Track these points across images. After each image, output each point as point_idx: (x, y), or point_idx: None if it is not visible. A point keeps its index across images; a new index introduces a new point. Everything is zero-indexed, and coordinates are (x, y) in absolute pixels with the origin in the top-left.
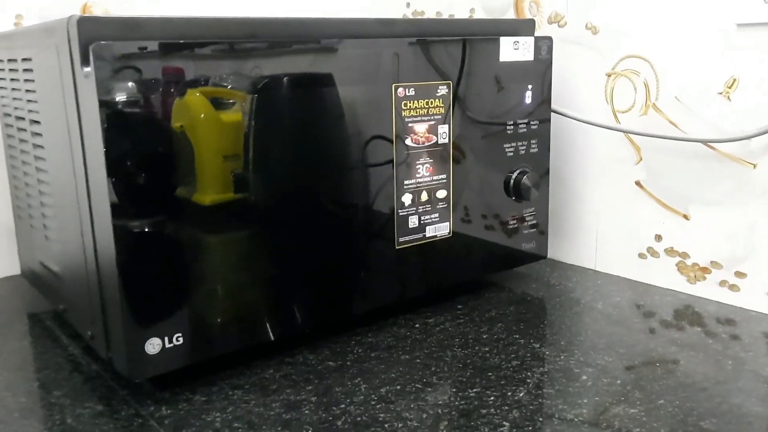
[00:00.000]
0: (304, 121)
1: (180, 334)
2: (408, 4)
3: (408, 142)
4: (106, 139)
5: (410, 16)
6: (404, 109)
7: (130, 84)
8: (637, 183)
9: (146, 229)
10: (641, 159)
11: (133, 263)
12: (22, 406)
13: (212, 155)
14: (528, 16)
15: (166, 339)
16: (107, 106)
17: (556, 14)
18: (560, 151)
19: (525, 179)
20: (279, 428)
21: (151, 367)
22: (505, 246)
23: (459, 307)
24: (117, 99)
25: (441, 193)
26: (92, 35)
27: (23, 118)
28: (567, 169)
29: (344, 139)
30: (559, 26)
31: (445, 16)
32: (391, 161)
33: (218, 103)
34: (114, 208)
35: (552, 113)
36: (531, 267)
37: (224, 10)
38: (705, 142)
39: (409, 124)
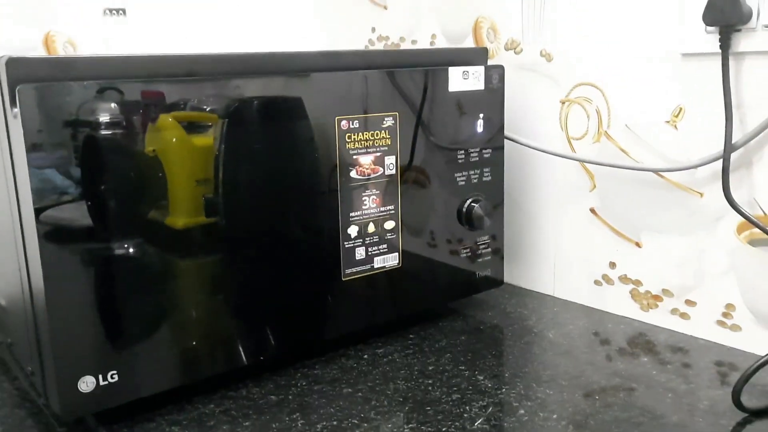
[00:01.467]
0: (251, 154)
1: (114, 371)
2: (373, 29)
3: (353, 174)
4: (33, 182)
5: (375, 41)
6: (348, 142)
7: (57, 126)
8: (592, 210)
9: (75, 265)
10: (595, 186)
11: (62, 299)
12: None
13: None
14: (486, 42)
15: (100, 376)
16: (34, 148)
17: (513, 41)
18: (516, 177)
19: (477, 208)
20: None
21: (85, 406)
22: (459, 275)
23: (411, 336)
24: (43, 141)
25: (389, 224)
26: (22, 76)
27: None
28: (523, 195)
29: (291, 170)
30: (515, 53)
31: (408, 41)
32: (336, 194)
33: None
34: (42, 244)
35: (506, 140)
36: (490, 293)
37: (182, 46)
38: (654, 171)
39: (354, 156)
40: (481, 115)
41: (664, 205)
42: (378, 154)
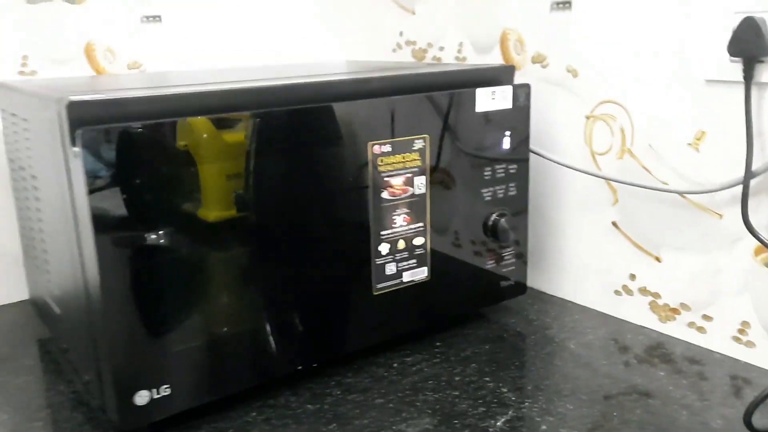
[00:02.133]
0: (285, 181)
1: (167, 386)
2: (401, 33)
3: (384, 195)
4: (93, 213)
5: (403, 45)
6: (380, 165)
7: (115, 166)
8: (613, 223)
9: (132, 288)
10: (617, 201)
11: (119, 315)
12: None
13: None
14: (513, 54)
15: (155, 391)
16: (94, 188)
17: (539, 55)
18: (540, 187)
19: (503, 222)
20: None
21: (141, 418)
22: (484, 284)
23: (437, 344)
24: (102, 183)
25: (418, 240)
26: (81, 117)
27: (24, 168)
28: (547, 205)
29: (326, 194)
30: (542, 66)
31: (436, 47)
32: (368, 214)
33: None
34: (102, 279)
35: (531, 153)
36: (514, 299)
37: (213, 50)
38: (678, 193)
39: (386, 178)
40: (508, 132)
41: (684, 223)
42: (408, 175)
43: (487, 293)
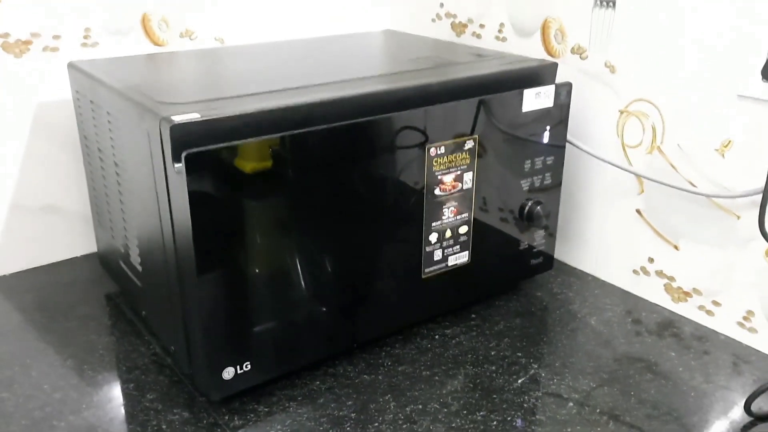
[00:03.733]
0: (348, 183)
1: (248, 362)
2: (441, 5)
3: (437, 191)
4: (195, 222)
5: (443, 16)
6: (435, 165)
7: (218, 184)
8: (638, 211)
9: (225, 267)
10: (643, 191)
11: (216, 304)
12: (124, 410)
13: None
14: (553, 43)
15: (238, 367)
16: (196, 204)
17: (579, 47)
18: (572, 170)
19: (538, 209)
20: None
21: (226, 389)
22: (517, 263)
23: (473, 316)
24: (206, 199)
25: (463, 229)
26: (182, 138)
27: (102, 150)
28: (576, 187)
29: (388, 192)
30: (581, 58)
31: (476, 24)
32: (422, 208)
33: None
34: (198, 260)
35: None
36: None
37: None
38: (704, 195)
39: (438, 177)
40: (548, 128)
41: (704, 219)
42: (458, 172)
43: (519, 270)
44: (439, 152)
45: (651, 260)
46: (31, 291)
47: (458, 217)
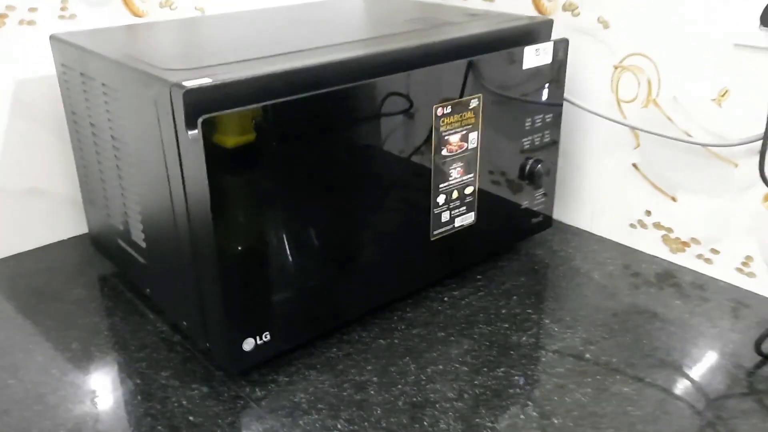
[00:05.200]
0: (359, 147)
1: (268, 332)
2: None
3: (444, 152)
4: (212, 191)
5: None
6: (442, 125)
7: (234, 151)
8: (634, 165)
9: (242, 237)
10: (639, 145)
11: (234, 275)
12: (140, 389)
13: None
14: (543, 0)
15: (257, 338)
16: (214, 172)
17: (571, 3)
18: (567, 127)
19: (539, 167)
20: (354, 409)
21: (247, 361)
22: (518, 223)
23: (478, 278)
24: (223, 167)
25: (468, 190)
26: (195, 104)
27: (95, 125)
28: (572, 143)
29: (396, 153)
30: (572, 15)
31: None
32: (430, 170)
33: None
34: (216, 232)
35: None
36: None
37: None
38: (701, 145)
39: (445, 137)
40: (547, 85)
41: (701, 169)
42: (464, 132)
43: (520, 229)
44: (445, 112)
45: (648, 213)
46: (22, 277)
47: (464, 177)
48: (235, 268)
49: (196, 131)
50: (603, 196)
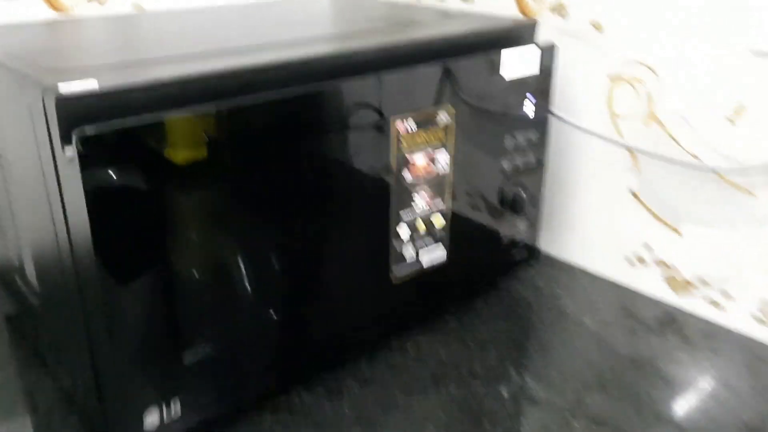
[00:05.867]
0: (295, 167)
1: (177, 400)
2: None
3: (407, 176)
4: (94, 224)
5: None
6: (403, 143)
7: (115, 167)
8: (631, 191)
9: (137, 279)
10: (638, 168)
11: (127, 326)
12: None
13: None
14: (529, 1)
15: (164, 407)
16: (95, 201)
17: (559, 4)
18: (555, 146)
19: (522, 193)
20: None
21: None
22: (498, 256)
23: (450, 323)
24: (101, 185)
25: (437, 219)
26: (73, 114)
27: None
28: (560, 164)
29: (341, 177)
30: (560, 17)
31: None
32: (388, 197)
33: None
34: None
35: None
36: None
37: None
38: (714, 170)
39: (408, 158)
40: (532, 97)
41: (711, 198)
42: (432, 151)
43: (500, 264)
44: (408, 127)
45: (648, 247)
46: None
47: (433, 205)
48: (130, 317)
49: (71, 148)
50: (595, 226)
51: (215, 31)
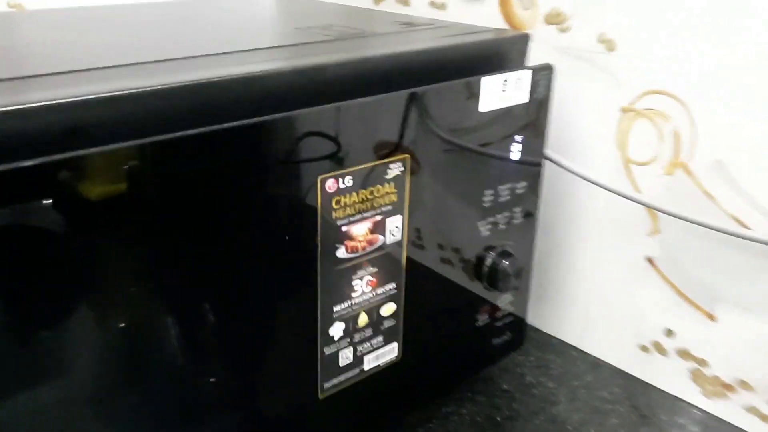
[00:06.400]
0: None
1: None
2: None
3: (340, 253)
4: None
5: None
6: (336, 209)
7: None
8: (649, 260)
9: None
10: (657, 230)
11: None
12: None
13: None
14: (517, 9)
15: None
16: None
17: (558, 13)
18: (551, 199)
19: (504, 265)
20: None
21: None
22: (472, 348)
23: None
24: None
25: (388, 309)
26: None
27: None
28: (557, 220)
29: (247, 258)
30: (559, 30)
31: None
32: (314, 283)
33: None
34: None
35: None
36: None
37: None
38: (764, 242)
39: (344, 228)
40: (519, 138)
41: (758, 275)
42: (378, 217)
43: (475, 357)
44: (342, 186)
45: (669, 333)
46: None
47: (380, 290)
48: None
49: None
50: (601, 300)
51: (122, 41)
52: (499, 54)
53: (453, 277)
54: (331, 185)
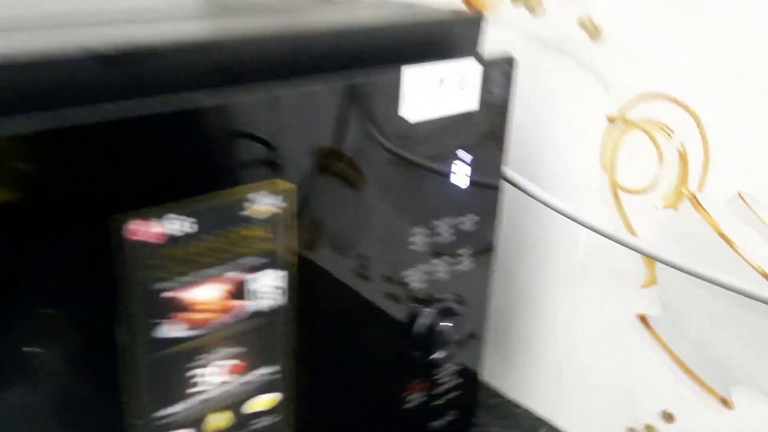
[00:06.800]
0: None
1: None
2: None
3: (164, 331)
4: None
5: None
6: (150, 266)
7: None
8: (642, 318)
9: None
10: (654, 281)
11: None
12: None
13: None
14: None
15: None
16: None
17: None
18: (512, 232)
19: (445, 327)
20: None
21: None
22: None
23: None
24: None
25: (263, 403)
26: None
27: None
28: (523, 264)
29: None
30: (531, 13)
31: None
32: (115, 383)
33: None
34: None
35: (505, 183)
36: None
37: None
38: None
39: (168, 294)
40: (465, 156)
41: None
42: (238, 271)
43: None
44: (168, 230)
45: (668, 417)
46: None
47: (248, 378)
48: None
49: None
50: (576, 363)
51: None
52: (444, 40)
53: (373, 343)
54: (140, 230)
